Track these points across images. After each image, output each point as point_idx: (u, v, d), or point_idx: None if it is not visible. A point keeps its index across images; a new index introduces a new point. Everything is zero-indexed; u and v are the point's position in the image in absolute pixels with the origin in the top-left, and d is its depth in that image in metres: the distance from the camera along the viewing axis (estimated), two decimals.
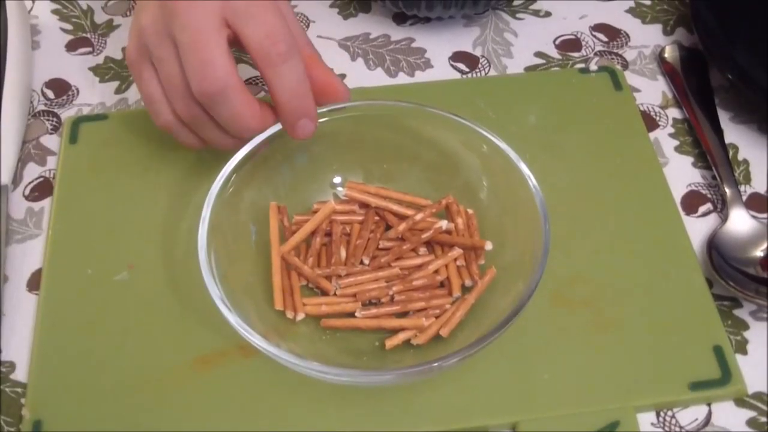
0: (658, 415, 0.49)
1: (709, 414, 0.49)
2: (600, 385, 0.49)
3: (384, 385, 0.49)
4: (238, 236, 0.52)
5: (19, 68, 0.61)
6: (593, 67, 0.66)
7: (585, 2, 0.71)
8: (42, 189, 0.58)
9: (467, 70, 0.66)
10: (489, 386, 0.49)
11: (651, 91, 0.65)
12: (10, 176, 0.57)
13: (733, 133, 0.62)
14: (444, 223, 0.53)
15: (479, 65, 0.66)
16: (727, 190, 0.57)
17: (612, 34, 0.69)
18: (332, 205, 0.54)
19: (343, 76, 0.65)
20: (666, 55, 0.67)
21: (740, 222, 0.55)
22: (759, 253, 0.54)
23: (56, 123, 0.62)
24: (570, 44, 0.68)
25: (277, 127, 0.51)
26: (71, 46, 0.68)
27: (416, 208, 0.54)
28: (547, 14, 0.70)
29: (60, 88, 0.65)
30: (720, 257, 0.54)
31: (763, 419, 0.49)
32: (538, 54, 0.67)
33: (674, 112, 0.63)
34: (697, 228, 0.57)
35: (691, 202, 0.58)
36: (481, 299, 0.51)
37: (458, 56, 0.67)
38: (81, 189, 0.57)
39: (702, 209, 0.58)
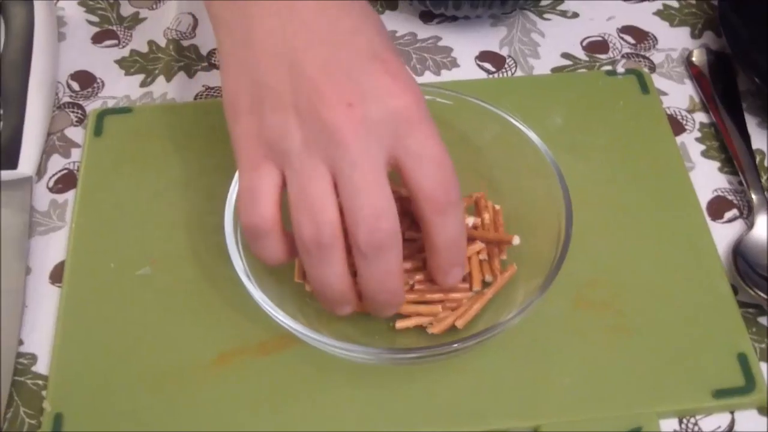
0: (680, 421, 0.49)
1: (732, 422, 0.49)
2: (622, 389, 0.49)
3: (397, 365, 0.49)
4: None
5: (45, 60, 0.62)
6: (620, 69, 0.65)
7: (612, 4, 0.71)
8: (66, 181, 0.58)
9: (494, 69, 0.66)
10: (510, 388, 0.49)
11: (678, 94, 0.64)
12: (34, 168, 0.58)
13: (761, 138, 0.62)
14: (470, 220, 0.53)
15: (506, 65, 0.66)
16: (754, 197, 0.56)
17: (639, 36, 0.69)
18: None
19: None
20: (694, 58, 0.66)
21: (766, 229, 0.55)
22: None
23: (81, 115, 0.62)
24: (597, 46, 0.68)
25: None
26: (97, 39, 0.68)
27: None
28: (575, 15, 0.70)
29: (85, 80, 0.65)
30: (745, 264, 0.53)
31: None
32: (565, 55, 0.67)
33: (701, 116, 0.63)
34: (723, 234, 0.56)
35: (717, 207, 0.58)
36: (499, 294, 0.51)
37: (485, 56, 0.67)
38: (105, 182, 0.57)
39: (728, 215, 0.57)
